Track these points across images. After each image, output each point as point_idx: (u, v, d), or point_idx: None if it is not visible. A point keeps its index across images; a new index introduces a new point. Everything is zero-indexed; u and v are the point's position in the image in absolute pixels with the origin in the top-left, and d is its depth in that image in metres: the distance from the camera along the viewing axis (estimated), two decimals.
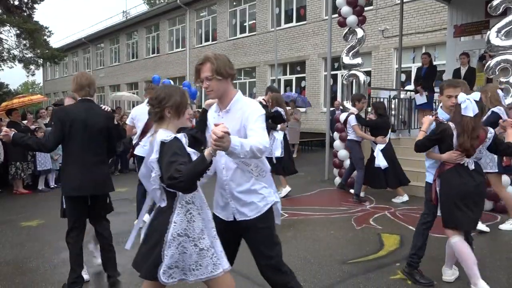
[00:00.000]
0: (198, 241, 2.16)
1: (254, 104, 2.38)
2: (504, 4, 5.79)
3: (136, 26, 25.99)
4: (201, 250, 2.16)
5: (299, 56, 16.49)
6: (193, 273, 2.15)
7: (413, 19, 12.83)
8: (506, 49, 5.74)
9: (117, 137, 3.68)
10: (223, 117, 2.37)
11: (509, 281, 3.57)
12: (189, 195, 2.18)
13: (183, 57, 22.49)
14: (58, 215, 3.70)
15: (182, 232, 2.15)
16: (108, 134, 3.42)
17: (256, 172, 2.39)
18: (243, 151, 2.01)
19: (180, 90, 2.32)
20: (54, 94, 36.22)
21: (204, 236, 2.19)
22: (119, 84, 27.98)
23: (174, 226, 2.14)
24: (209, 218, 2.27)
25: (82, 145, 3.25)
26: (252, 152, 2.06)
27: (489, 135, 3.28)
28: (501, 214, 5.66)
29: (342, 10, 8.24)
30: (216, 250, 2.23)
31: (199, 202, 2.23)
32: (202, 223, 2.21)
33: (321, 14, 15.59)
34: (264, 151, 2.14)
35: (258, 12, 18.25)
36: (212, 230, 2.27)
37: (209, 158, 1.96)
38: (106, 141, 3.43)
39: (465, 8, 9.76)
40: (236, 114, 2.33)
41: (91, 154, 3.30)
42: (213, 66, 2.27)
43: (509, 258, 4.10)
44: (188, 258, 2.15)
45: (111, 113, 3.63)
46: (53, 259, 4.28)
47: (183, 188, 2.02)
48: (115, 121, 3.71)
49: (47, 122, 9.27)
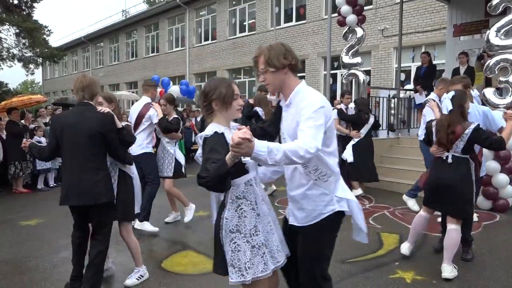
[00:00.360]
0: (250, 238, 2.08)
1: (312, 96, 2.10)
2: (504, 4, 5.79)
3: (136, 25, 25.96)
4: (253, 248, 2.07)
5: (299, 55, 16.28)
6: (249, 271, 2.05)
7: (413, 18, 12.83)
8: (506, 48, 5.74)
9: (122, 142, 3.31)
10: (286, 111, 2.23)
11: (508, 279, 3.57)
12: (240, 190, 2.10)
13: (182, 56, 22.48)
14: (57, 214, 3.70)
15: (234, 228, 2.09)
16: (103, 140, 3.15)
17: (314, 176, 2.12)
18: (273, 157, 1.80)
19: (226, 81, 2.22)
20: (53, 93, 36.19)
21: (258, 233, 2.10)
22: (118, 83, 27.96)
23: (226, 222, 2.10)
24: (264, 213, 2.16)
25: (71, 152, 3.11)
26: (287, 158, 1.84)
27: (466, 131, 3.50)
28: (500, 213, 5.67)
29: (341, 9, 8.24)
30: (270, 248, 2.13)
31: (253, 197, 2.13)
32: (255, 219, 2.11)
33: (321, 14, 15.59)
34: (309, 157, 1.89)
35: (257, 11, 18.24)
36: (268, 225, 2.16)
37: (230, 162, 1.82)
38: (102, 146, 3.18)
39: (465, 8, 9.76)
40: (294, 109, 2.12)
41: (81, 161, 3.09)
42: (265, 58, 2.14)
43: (508, 257, 4.10)
44: (243, 256, 2.07)
45: (110, 116, 3.24)
46: (52, 258, 4.27)
47: (210, 188, 1.91)
48: (120, 124, 3.32)
49: (47, 121, 9.27)
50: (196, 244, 4.63)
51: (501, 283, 3.50)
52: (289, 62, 2.14)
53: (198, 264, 4.05)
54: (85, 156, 3.09)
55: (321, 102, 2.06)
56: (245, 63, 18.87)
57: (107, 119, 3.19)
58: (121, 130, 3.28)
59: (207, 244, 4.57)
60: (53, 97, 32.70)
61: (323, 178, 2.12)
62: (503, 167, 5.88)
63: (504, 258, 4.06)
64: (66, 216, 5.46)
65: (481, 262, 3.99)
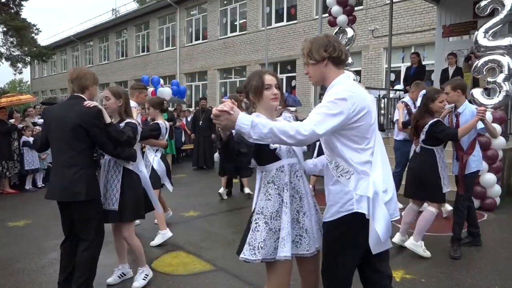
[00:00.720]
0: (269, 220, 2.16)
1: (338, 87, 2.04)
2: (492, 5, 5.86)
3: (126, 24, 25.78)
4: (269, 230, 2.15)
5: (290, 55, 16.51)
6: (261, 251, 2.12)
7: (403, 19, 12.93)
8: (493, 49, 5.81)
9: (109, 138, 3.13)
10: None
11: (495, 277, 3.61)
12: (271, 175, 2.20)
13: (173, 55, 22.37)
14: (46, 215, 3.66)
15: (259, 210, 2.20)
16: (87, 134, 3.02)
17: (337, 173, 2.06)
18: (257, 131, 1.80)
19: (258, 73, 2.29)
20: (42, 92, 35.78)
21: (278, 218, 2.16)
22: (108, 82, 27.70)
23: (256, 204, 2.25)
24: (288, 201, 2.18)
25: (58, 145, 3.04)
26: (275, 136, 1.83)
27: (426, 125, 3.99)
28: (487, 212, 5.74)
29: (332, 9, 8.27)
30: (283, 236, 2.13)
31: (282, 183, 2.19)
32: (279, 204, 2.18)
33: (312, 14, 15.63)
34: (300, 139, 1.86)
35: (248, 11, 18.23)
36: (289, 215, 2.17)
37: (223, 135, 1.97)
38: (87, 142, 3.04)
39: (454, 9, 9.86)
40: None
41: (65, 156, 3.00)
42: (306, 51, 2.12)
43: (495, 255, 4.15)
44: (259, 236, 2.14)
45: (94, 110, 3.05)
46: (40, 259, 4.22)
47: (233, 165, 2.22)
48: (109, 119, 3.14)
49: (35, 121, 9.16)
50: (187, 244, 4.62)
51: (488, 281, 3.55)
52: (328, 55, 2.07)
53: (189, 264, 4.04)
54: (69, 152, 3.00)
55: (344, 94, 1.96)
56: (236, 62, 18.85)
57: (90, 113, 3.03)
58: (107, 126, 3.11)
59: (197, 245, 4.56)
60: (42, 97, 32.34)
61: (345, 176, 2.04)
62: (491, 166, 5.95)
63: (491, 257, 4.12)
64: (55, 217, 5.40)
65: (468, 260, 4.03)
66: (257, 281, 3.52)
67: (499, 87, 5.77)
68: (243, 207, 6.27)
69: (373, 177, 2.01)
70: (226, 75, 20.11)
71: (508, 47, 5.73)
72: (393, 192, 2.09)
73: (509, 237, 4.74)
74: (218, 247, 4.52)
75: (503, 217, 5.61)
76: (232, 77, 19.70)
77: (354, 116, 1.96)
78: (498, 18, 5.80)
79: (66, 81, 3.29)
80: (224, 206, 6.36)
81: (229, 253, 4.29)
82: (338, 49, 2.08)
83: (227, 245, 4.55)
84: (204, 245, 4.58)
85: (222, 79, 20.03)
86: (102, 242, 3.20)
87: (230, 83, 19.23)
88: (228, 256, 4.19)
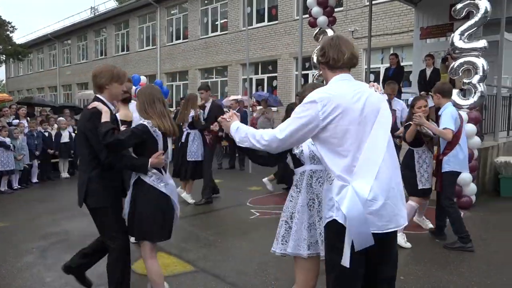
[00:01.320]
0: (289, 219, 2.42)
1: (318, 90, 2.04)
2: (467, 8, 6.01)
3: (105, 23, 25.40)
4: (290, 228, 2.40)
5: (271, 55, 16.56)
6: (279, 246, 2.42)
7: (382, 21, 13.13)
8: (469, 51, 5.96)
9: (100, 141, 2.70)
10: None
11: (471, 274, 3.71)
12: (296, 178, 2.45)
13: (153, 55, 22.16)
14: (22, 218, 3.57)
15: (284, 209, 2.49)
16: (85, 138, 2.77)
17: (326, 177, 2.06)
18: (238, 135, 2.13)
19: (311, 85, 2.49)
20: (18, 92, 34.85)
21: (293, 219, 2.40)
22: (87, 82, 27.23)
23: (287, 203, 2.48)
24: (304, 204, 2.38)
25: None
26: (248, 140, 2.09)
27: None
28: (463, 210, 5.87)
29: (312, 10, 8.34)
30: (298, 236, 2.35)
31: (302, 187, 2.41)
32: (294, 206, 2.41)
33: (293, 14, 15.71)
34: (264, 143, 2.04)
35: (229, 11, 18.20)
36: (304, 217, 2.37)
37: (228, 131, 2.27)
38: (89, 147, 2.77)
39: (431, 11, 10.07)
40: None
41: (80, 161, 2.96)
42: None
43: (471, 252, 4.26)
44: (279, 231, 2.45)
45: (89, 112, 2.78)
46: (16, 262, 4.12)
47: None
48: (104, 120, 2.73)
49: (10, 121, 8.94)
50: (168, 246, 4.57)
51: (465, 278, 3.64)
52: (324, 60, 2.08)
53: (169, 265, 4.00)
54: (80, 157, 3.05)
55: (316, 96, 1.95)
56: (217, 62, 18.79)
57: (84, 116, 2.81)
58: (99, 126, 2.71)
59: (178, 246, 4.53)
60: (18, 96, 31.50)
61: (329, 181, 1.99)
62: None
63: (468, 254, 4.21)
64: (32, 219, 5.28)
65: (445, 257, 4.13)
66: (238, 282, 3.52)
67: (474, 88, 5.92)
68: (223, 208, 6.28)
69: (354, 184, 1.88)
70: (207, 75, 20.03)
71: (482, 49, 5.90)
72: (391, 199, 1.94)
73: (484, 235, 4.86)
74: (199, 248, 4.50)
75: (478, 215, 5.75)
76: (213, 77, 19.63)
77: (326, 117, 1.92)
78: (473, 21, 5.95)
79: (43, 80, 3.27)
80: (205, 207, 6.33)
81: (210, 254, 4.27)
82: (327, 55, 2.05)
83: (208, 246, 4.53)
84: (185, 246, 4.55)
85: (203, 79, 19.94)
86: (123, 251, 2.90)
87: (211, 83, 19.15)
88: (209, 257, 4.17)
